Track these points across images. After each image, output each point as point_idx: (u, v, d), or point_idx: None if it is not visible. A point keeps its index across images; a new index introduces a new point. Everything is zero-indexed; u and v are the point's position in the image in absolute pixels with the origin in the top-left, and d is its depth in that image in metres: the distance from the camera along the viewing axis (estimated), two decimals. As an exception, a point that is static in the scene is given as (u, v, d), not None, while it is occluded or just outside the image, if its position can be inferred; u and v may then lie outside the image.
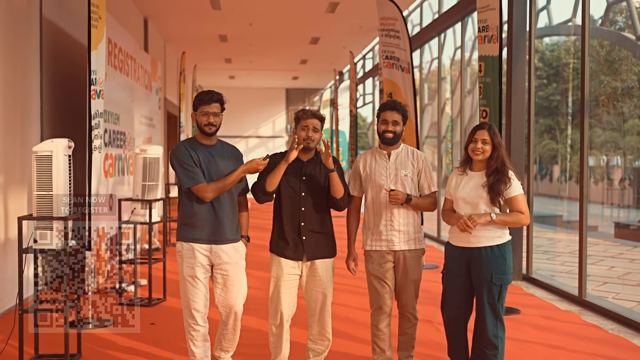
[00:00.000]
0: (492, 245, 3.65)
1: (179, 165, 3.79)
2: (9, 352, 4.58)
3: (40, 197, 4.29)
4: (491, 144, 3.68)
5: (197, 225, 3.80)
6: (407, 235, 3.97)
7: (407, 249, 3.97)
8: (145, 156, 6.19)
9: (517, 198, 3.67)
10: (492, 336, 3.67)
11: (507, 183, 3.63)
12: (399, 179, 3.98)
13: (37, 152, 4.31)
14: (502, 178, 3.63)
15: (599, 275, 8.29)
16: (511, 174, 3.68)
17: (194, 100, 3.92)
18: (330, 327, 4.01)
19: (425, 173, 4.02)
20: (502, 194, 3.64)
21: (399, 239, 3.97)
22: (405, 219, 3.97)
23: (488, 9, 6.11)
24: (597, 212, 13.96)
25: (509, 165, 3.69)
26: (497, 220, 3.62)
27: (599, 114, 13.19)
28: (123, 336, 5.11)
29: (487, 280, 3.64)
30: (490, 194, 3.63)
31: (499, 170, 3.65)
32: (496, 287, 3.66)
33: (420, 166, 4.02)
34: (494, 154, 3.69)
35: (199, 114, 3.82)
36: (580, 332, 5.32)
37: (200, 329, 3.87)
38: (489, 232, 3.65)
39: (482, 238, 3.65)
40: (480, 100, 6.16)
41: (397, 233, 3.97)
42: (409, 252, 3.99)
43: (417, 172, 4.01)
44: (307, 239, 3.90)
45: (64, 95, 7.35)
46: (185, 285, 3.86)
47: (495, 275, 3.64)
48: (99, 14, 5.67)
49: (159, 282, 6.67)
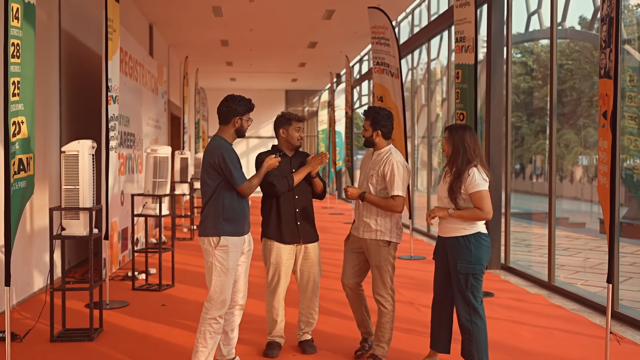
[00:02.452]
0: (457, 236, 4.03)
1: (231, 164, 3.97)
2: (38, 328, 5.21)
3: (68, 190, 4.93)
4: (451, 144, 4.06)
5: (240, 219, 4.05)
6: (369, 226, 4.41)
7: (368, 238, 4.42)
8: (155, 155, 6.85)
9: (476, 195, 3.94)
10: (465, 321, 4.02)
11: (464, 181, 3.97)
12: (367, 177, 4.48)
13: (65, 151, 4.95)
14: (460, 177, 3.99)
15: (574, 265, 8.94)
16: (472, 172, 3.95)
17: (239, 105, 4.11)
18: (318, 301, 4.66)
19: (391, 177, 4.30)
20: (460, 192, 4.00)
21: (363, 229, 4.45)
22: (368, 212, 4.42)
23: (464, 22, 6.76)
24: (587, 210, 14.55)
25: (476, 163, 4.00)
26: (454, 215, 3.98)
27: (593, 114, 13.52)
28: (138, 315, 5.76)
29: (454, 268, 4.03)
30: (449, 190, 4.03)
31: (459, 170, 4.01)
32: (462, 275, 3.97)
33: (387, 170, 4.32)
34: (453, 154, 4.05)
35: (245, 120, 4.14)
36: (545, 312, 5.96)
37: (221, 321, 4.02)
38: (455, 224, 4.05)
39: (449, 229, 4.08)
40: (458, 104, 6.80)
41: (362, 223, 4.46)
42: (370, 242, 4.41)
43: (383, 174, 4.34)
44: (301, 225, 4.53)
45: (80, 101, 8.00)
46: (227, 277, 3.96)
47: (459, 264, 3.97)
48: (114, 27, 6.30)
49: (168, 271, 7.33)
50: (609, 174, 4.09)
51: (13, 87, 3.72)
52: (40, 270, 6.54)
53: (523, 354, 4.67)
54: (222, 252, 3.97)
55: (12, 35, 3.70)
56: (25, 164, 3.91)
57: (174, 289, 6.89)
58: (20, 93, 3.80)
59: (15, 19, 3.73)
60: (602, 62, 4.30)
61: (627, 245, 9.91)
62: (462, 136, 4.05)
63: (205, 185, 4.05)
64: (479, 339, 3.99)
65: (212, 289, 3.98)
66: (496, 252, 8.11)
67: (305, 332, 4.70)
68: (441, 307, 4.22)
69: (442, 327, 4.23)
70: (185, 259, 8.66)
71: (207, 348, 3.97)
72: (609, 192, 4.10)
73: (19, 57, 3.78)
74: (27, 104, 3.88)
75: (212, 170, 4.01)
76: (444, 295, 4.18)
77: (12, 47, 3.70)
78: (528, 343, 4.93)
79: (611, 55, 4.12)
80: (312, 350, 4.61)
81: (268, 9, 11.89)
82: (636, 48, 7.61)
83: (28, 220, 6.33)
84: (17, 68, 3.77)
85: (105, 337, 5.05)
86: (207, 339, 3.97)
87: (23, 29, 3.83)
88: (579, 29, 12.16)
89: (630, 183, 7.75)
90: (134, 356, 4.56)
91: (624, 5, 8.56)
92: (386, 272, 4.38)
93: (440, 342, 4.24)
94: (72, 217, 4.96)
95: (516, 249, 9.61)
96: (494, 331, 5.23)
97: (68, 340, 4.95)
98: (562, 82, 15.83)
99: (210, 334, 3.98)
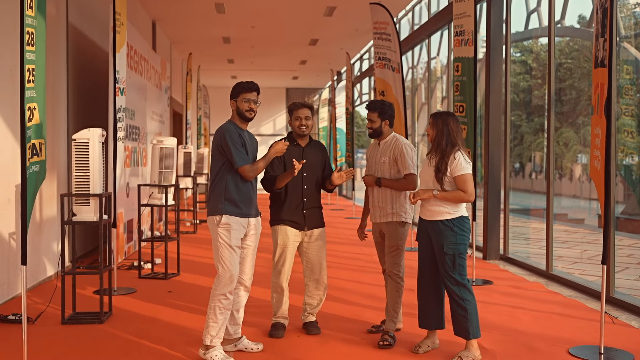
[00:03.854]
0: (442, 219, 4.20)
1: (232, 145, 4.11)
2: (49, 312, 5.35)
3: (79, 177, 5.08)
4: (435, 128, 4.25)
5: (242, 201, 4.19)
6: (385, 210, 4.67)
7: (384, 221, 4.69)
8: (161, 146, 7.00)
9: (461, 177, 4.12)
10: (458, 300, 4.17)
11: (453, 162, 4.14)
12: (380, 164, 4.73)
13: (76, 139, 5.10)
14: (445, 159, 4.17)
15: (572, 256, 9.08)
16: (458, 155, 4.14)
17: (233, 89, 4.29)
18: (324, 284, 4.81)
19: (401, 158, 4.61)
20: (446, 173, 4.16)
21: (379, 214, 4.72)
22: (383, 198, 4.68)
23: (464, 16, 6.90)
24: (586, 206, 14.70)
25: (459, 148, 4.19)
26: (439, 196, 4.17)
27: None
28: (145, 300, 5.91)
29: (440, 250, 4.20)
30: (435, 171, 4.20)
31: (444, 152, 4.19)
32: (449, 257, 4.13)
33: (396, 153, 4.62)
34: (437, 137, 4.23)
35: (240, 101, 4.24)
36: (542, 297, 6.11)
37: (230, 297, 4.15)
38: (439, 207, 4.21)
39: (433, 212, 4.25)
40: (457, 97, 6.95)
41: (378, 209, 4.72)
42: (386, 224, 4.69)
43: (394, 158, 4.67)
44: (307, 212, 4.72)
45: (86, 94, 8.15)
46: (232, 254, 4.13)
47: (446, 245, 4.13)
48: (122, 21, 6.44)
49: (173, 261, 7.47)
50: (603, 158, 4.24)
51: (28, 73, 3.86)
52: (48, 257, 6.69)
53: (520, 334, 4.81)
54: (225, 230, 4.13)
55: (27, 24, 3.83)
56: (37, 149, 4.04)
57: (180, 277, 7.03)
58: (34, 80, 3.95)
59: (30, 9, 3.87)
60: (597, 52, 4.44)
61: (625, 238, 10.08)
62: (446, 120, 4.25)
63: (212, 166, 4.25)
64: (473, 315, 4.16)
65: (219, 266, 4.14)
66: (495, 244, 8.26)
67: (309, 314, 4.85)
68: (429, 286, 4.35)
69: (432, 305, 4.36)
70: (189, 251, 8.81)
71: (217, 323, 4.12)
72: (603, 176, 4.25)
73: (34, 45, 3.93)
74: (39, 91, 4.02)
75: (217, 151, 4.19)
76: (432, 275, 4.32)
77: (27, 35, 3.84)
78: (525, 325, 5.08)
79: (605, 45, 4.27)
80: (316, 330, 4.77)
81: (270, 7, 12.03)
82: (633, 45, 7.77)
83: (37, 208, 6.47)
84: (32, 56, 3.90)
85: (114, 320, 5.19)
86: (217, 315, 4.12)
87: (36, 19, 3.97)
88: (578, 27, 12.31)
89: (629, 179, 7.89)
90: (144, 337, 4.70)
91: (622, 4, 8.72)
92: (403, 250, 4.69)
93: (433, 319, 4.37)
94: (82, 203, 5.11)
95: (515, 242, 9.76)
96: (492, 315, 5.38)
97: (79, 322, 5.09)
98: (562, 81, 15.96)
99: (219, 309, 4.13)
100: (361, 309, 5.55)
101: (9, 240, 5.77)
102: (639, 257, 9.13)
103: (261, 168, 4.28)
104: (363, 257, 8.24)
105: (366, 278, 6.94)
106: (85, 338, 4.70)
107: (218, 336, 4.14)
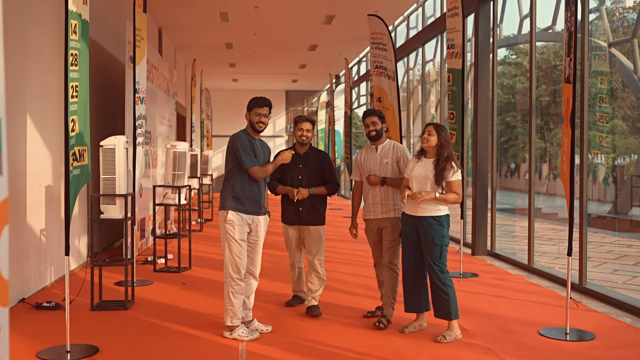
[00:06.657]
0: (433, 216, 4.83)
1: (242, 149, 4.76)
2: (77, 301, 5.96)
3: (106, 179, 5.69)
4: (437, 136, 4.85)
5: (248, 199, 4.81)
6: (388, 207, 5.27)
7: (386, 217, 5.28)
8: (175, 150, 7.62)
9: (455, 182, 4.79)
10: (442, 285, 4.80)
11: (451, 170, 4.80)
12: (382, 166, 5.33)
13: (103, 145, 5.71)
14: (447, 167, 4.80)
15: (555, 252, 9.71)
16: (454, 164, 4.80)
17: (249, 103, 4.91)
18: (322, 272, 5.49)
19: (403, 160, 5.23)
20: (445, 179, 4.80)
21: (382, 210, 5.30)
22: (386, 195, 5.29)
23: (454, 31, 7.53)
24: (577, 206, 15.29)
25: (453, 157, 4.86)
26: (439, 198, 4.79)
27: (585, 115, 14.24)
28: (162, 290, 6.52)
29: (430, 242, 4.80)
30: (436, 177, 4.80)
31: (446, 160, 4.82)
32: (437, 247, 4.76)
33: (399, 155, 5.25)
34: (441, 147, 4.84)
35: (253, 114, 4.86)
36: (522, 288, 6.74)
37: (241, 284, 4.76)
38: (431, 206, 4.83)
39: (425, 210, 4.85)
40: (449, 105, 7.58)
41: (380, 206, 5.31)
42: (388, 220, 5.28)
43: (397, 159, 5.28)
44: (302, 210, 5.49)
45: (105, 104, 8.77)
46: (237, 246, 4.73)
47: (436, 238, 4.75)
48: (142, 35, 7.05)
49: (185, 257, 8.08)
50: (569, 162, 4.88)
51: (72, 90, 4.47)
52: (73, 253, 7.29)
53: (498, 318, 5.44)
54: (229, 225, 4.77)
55: (72, 47, 4.45)
56: (77, 155, 4.65)
57: (192, 271, 7.64)
58: (77, 95, 4.56)
59: (74, 33, 4.49)
60: (565, 69, 5.07)
61: (608, 236, 10.73)
62: (445, 134, 4.92)
63: (225, 168, 4.95)
64: (453, 298, 4.81)
65: (225, 255, 4.79)
66: (483, 240, 8.89)
67: (312, 298, 5.49)
68: (414, 275, 4.96)
69: (418, 291, 4.96)
70: (199, 247, 9.42)
71: (234, 306, 4.76)
72: (568, 179, 4.89)
73: (77, 65, 4.54)
74: (80, 105, 4.63)
75: (230, 155, 4.87)
76: (416, 264, 4.93)
77: (71, 57, 4.45)
78: (503, 311, 5.71)
79: (571, 64, 4.90)
80: (317, 312, 5.42)
81: (272, 15, 12.63)
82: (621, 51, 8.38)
83: (62, 208, 7.08)
84: (76, 74, 4.52)
85: (138, 307, 5.81)
86: (232, 299, 4.76)
87: (80, 42, 4.59)
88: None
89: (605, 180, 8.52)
90: (167, 320, 5.32)
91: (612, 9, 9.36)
92: (399, 243, 5.23)
93: (421, 303, 4.99)
94: (109, 202, 5.72)
95: (503, 240, 10.40)
96: (475, 303, 6.01)
97: (106, 309, 5.71)
98: (556, 83, 16.52)
99: (233, 294, 4.76)
100: (358, 298, 6.17)
101: (40, 237, 6.38)
102: (617, 254, 9.79)
103: (270, 171, 4.93)
104: (359, 253, 8.87)
105: (362, 271, 7.56)
106: (115, 322, 5.31)
107: (237, 317, 4.78)
